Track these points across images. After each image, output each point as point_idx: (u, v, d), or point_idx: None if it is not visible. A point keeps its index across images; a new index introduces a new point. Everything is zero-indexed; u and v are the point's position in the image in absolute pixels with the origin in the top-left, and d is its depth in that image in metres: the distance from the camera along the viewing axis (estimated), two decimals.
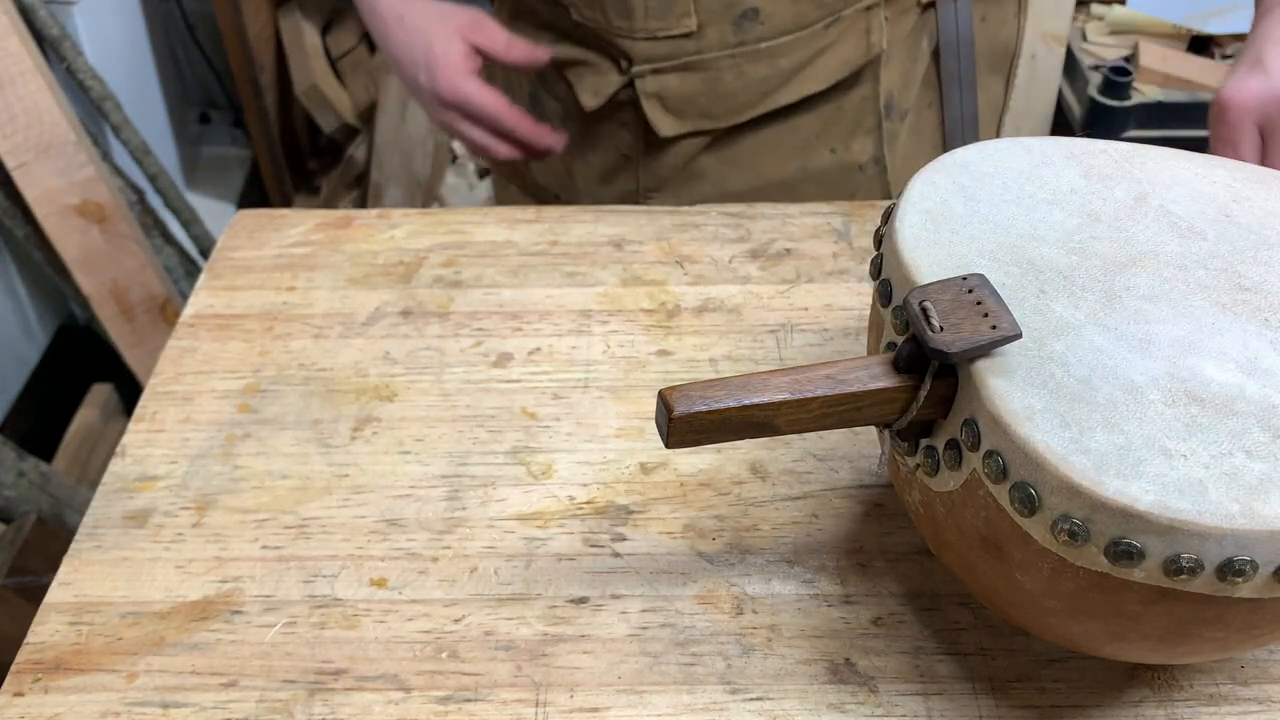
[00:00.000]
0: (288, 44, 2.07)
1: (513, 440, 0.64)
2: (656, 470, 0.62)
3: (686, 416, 0.45)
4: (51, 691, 0.52)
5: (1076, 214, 0.52)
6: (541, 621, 0.55)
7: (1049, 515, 0.41)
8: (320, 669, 0.53)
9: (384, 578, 0.57)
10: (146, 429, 0.65)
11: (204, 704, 0.51)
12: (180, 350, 0.70)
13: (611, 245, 0.77)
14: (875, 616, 0.55)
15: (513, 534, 0.59)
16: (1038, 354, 0.45)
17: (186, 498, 0.61)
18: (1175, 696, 0.52)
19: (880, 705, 0.51)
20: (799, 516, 0.60)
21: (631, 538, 0.59)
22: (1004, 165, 0.54)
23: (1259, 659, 0.53)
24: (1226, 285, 0.48)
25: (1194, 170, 0.55)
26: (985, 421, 0.43)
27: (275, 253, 0.77)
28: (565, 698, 0.52)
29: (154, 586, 0.57)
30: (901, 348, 0.46)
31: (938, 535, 0.50)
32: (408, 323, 0.72)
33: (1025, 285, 0.48)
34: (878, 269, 0.52)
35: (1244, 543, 0.39)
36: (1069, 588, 0.43)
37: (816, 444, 0.63)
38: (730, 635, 0.54)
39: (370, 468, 0.62)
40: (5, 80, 1.32)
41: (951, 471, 0.46)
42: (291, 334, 0.71)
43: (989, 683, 0.52)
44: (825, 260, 0.76)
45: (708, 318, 0.72)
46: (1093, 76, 1.85)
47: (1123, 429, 0.42)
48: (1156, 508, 0.40)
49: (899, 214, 0.51)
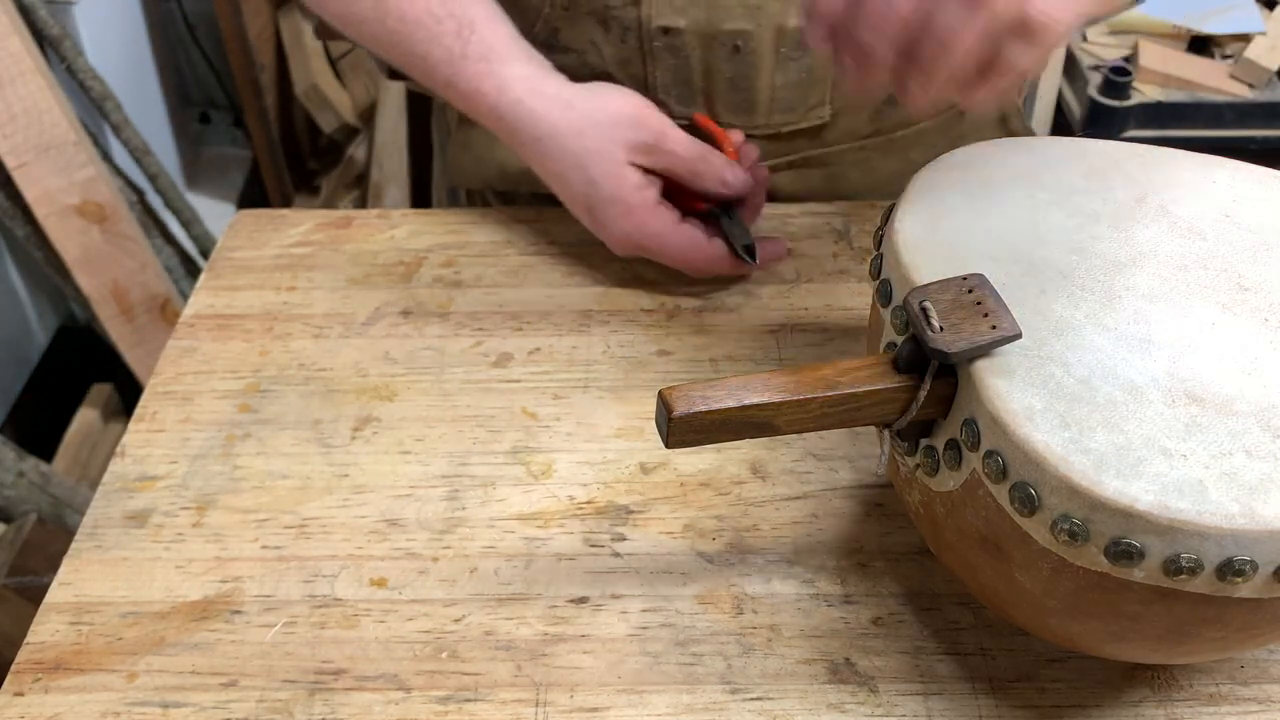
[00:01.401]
0: (288, 44, 2.07)
1: (513, 440, 0.64)
2: (656, 470, 0.62)
3: (686, 416, 0.45)
4: (51, 691, 0.52)
5: (1077, 214, 0.52)
6: (541, 621, 0.55)
7: (1049, 515, 0.41)
8: (320, 669, 0.53)
9: (384, 578, 0.57)
10: (146, 429, 0.65)
11: (204, 704, 0.51)
12: (180, 350, 0.70)
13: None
14: (875, 616, 0.55)
15: (513, 534, 0.59)
16: (1038, 354, 0.45)
17: (186, 498, 0.61)
18: (1175, 696, 0.52)
19: (880, 705, 0.51)
20: (799, 516, 0.60)
21: (631, 538, 0.59)
22: (1004, 165, 0.54)
23: (1259, 659, 0.53)
24: (1226, 285, 0.48)
25: (1194, 170, 0.55)
26: (985, 421, 0.43)
27: (275, 253, 0.77)
28: (565, 698, 0.52)
29: (154, 586, 0.57)
30: (901, 348, 0.46)
31: (938, 535, 0.50)
32: (408, 323, 0.72)
33: (1025, 285, 0.48)
34: (878, 269, 0.52)
35: (1244, 543, 0.39)
36: (1069, 588, 0.43)
37: (816, 444, 0.63)
38: (730, 635, 0.54)
39: (370, 468, 0.62)
40: (5, 80, 1.32)
41: (951, 471, 0.46)
42: (291, 334, 0.71)
43: (989, 683, 0.52)
44: (825, 260, 0.76)
45: (708, 318, 0.72)
46: (1093, 76, 1.84)
47: (1123, 429, 0.42)
48: (1156, 508, 0.40)
49: (899, 214, 0.51)
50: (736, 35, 0.72)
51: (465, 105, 0.71)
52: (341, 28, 0.73)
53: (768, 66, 0.74)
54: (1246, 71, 1.80)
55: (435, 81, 0.71)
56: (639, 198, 0.67)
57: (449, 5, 0.70)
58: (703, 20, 0.72)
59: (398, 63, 0.72)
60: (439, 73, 0.70)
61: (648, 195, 0.68)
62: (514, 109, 0.69)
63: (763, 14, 0.72)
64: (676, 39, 0.73)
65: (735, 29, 0.72)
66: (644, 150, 0.67)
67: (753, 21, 0.72)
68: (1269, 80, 1.80)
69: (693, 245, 0.69)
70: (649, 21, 0.72)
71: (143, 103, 1.93)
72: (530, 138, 0.69)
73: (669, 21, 0.72)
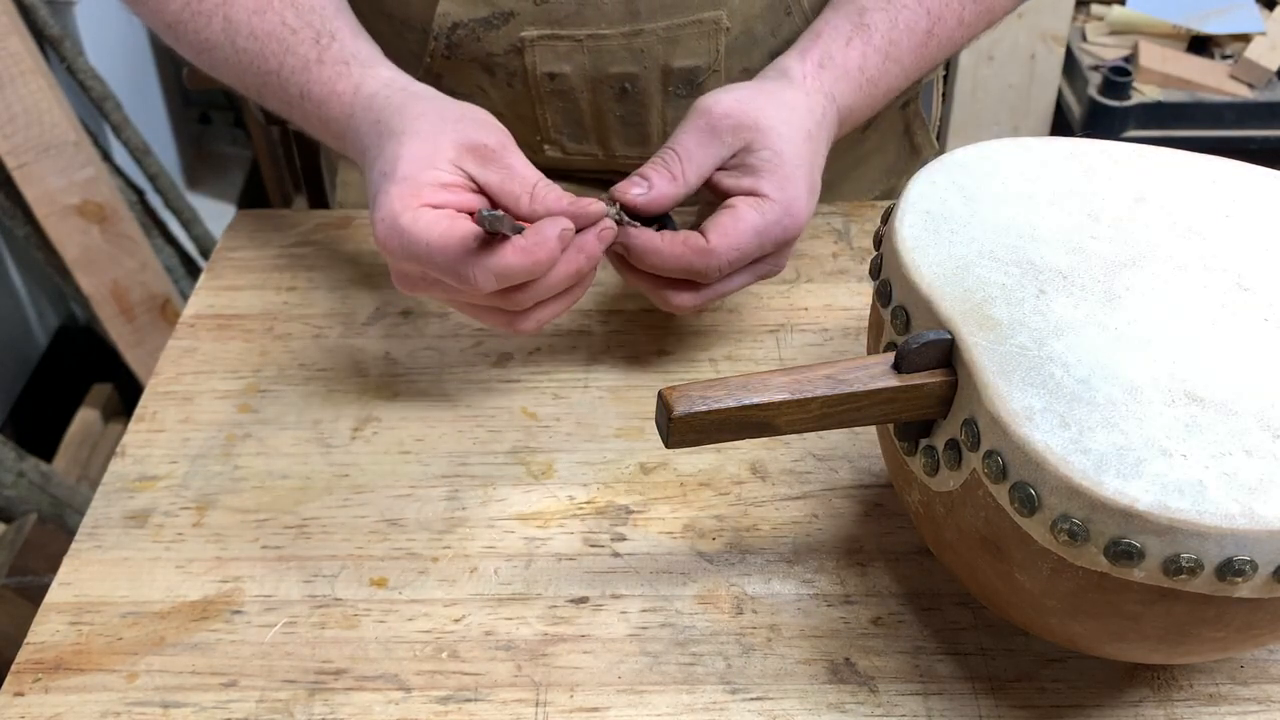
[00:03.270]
0: None
1: (513, 440, 0.64)
2: (656, 470, 0.62)
3: (686, 416, 0.45)
4: (52, 691, 0.52)
5: (1076, 214, 0.52)
6: (541, 621, 0.55)
7: (1049, 515, 0.41)
8: (320, 669, 0.53)
9: (384, 577, 0.57)
10: (146, 429, 0.65)
11: (204, 704, 0.52)
12: (180, 350, 0.70)
13: None
14: (875, 616, 0.55)
15: (513, 534, 0.59)
16: (1038, 354, 0.45)
17: (187, 498, 0.61)
18: (1175, 696, 0.52)
19: (880, 705, 0.51)
20: (799, 516, 0.60)
21: (631, 538, 0.59)
22: (1004, 165, 0.54)
23: (1259, 659, 0.53)
24: (1226, 285, 0.48)
25: (1193, 170, 0.55)
26: (985, 421, 0.43)
27: (275, 253, 0.77)
28: (565, 698, 0.52)
29: (154, 586, 0.57)
30: (901, 347, 0.46)
31: (938, 535, 0.50)
32: (408, 323, 0.72)
33: (1025, 285, 0.48)
34: (877, 269, 0.52)
35: (1244, 543, 0.39)
36: (1069, 588, 0.43)
37: (816, 444, 0.63)
38: (730, 635, 0.54)
39: (370, 468, 0.62)
40: (5, 80, 1.32)
41: (951, 471, 0.46)
42: (291, 334, 0.71)
43: (989, 682, 0.52)
44: (825, 260, 0.76)
45: (708, 318, 0.72)
46: (1092, 76, 1.85)
47: (1122, 429, 0.42)
48: (1156, 508, 0.40)
49: (898, 214, 0.51)
50: (624, 78, 0.72)
51: (318, 117, 0.64)
52: (195, 59, 0.68)
53: (657, 105, 0.74)
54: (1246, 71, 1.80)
55: (289, 96, 0.64)
56: (428, 192, 0.57)
57: (305, 17, 0.64)
58: (588, 66, 0.72)
59: (251, 88, 0.67)
60: (292, 84, 0.64)
61: (439, 194, 0.57)
62: (368, 102, 0.61)
63: (647, 57, 0.72)
64: (563, 84, 0.73)
65: (621, 72, 0.72)
66: (479, 152, 0.58)
67: (638, 65, 0.72)
68: (1269, 80, 1.80)
69: (438, 234, 0.55)
70: (534, 69, 0.72)
71: (143, 103, 1.93)
72: (369, 121, 0.60)
73: (554, 68, 0.72)
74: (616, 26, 0.70)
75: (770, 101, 0.62)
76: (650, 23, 0.70)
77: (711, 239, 0.59)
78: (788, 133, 0.61)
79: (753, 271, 0.62)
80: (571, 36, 0.70)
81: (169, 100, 2.05)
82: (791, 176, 0.60)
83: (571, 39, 0.71)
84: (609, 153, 0.77)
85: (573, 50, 0.71)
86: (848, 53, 0.66)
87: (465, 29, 0.71)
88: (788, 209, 0.59)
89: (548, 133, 0.66)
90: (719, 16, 0.70)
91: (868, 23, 0.66)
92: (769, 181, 0.59)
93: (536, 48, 0.71)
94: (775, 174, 0.59)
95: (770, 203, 0.59)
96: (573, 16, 0.70)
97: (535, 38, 0.71)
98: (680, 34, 0.71)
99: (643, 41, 0.71)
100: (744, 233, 0.59)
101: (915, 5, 0.67)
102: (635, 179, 0.61)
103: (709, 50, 0.72)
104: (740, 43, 0.73)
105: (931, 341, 0.46)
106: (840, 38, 0.66)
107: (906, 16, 0.67)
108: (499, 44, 0.71)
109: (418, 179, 0.57)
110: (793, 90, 0.63)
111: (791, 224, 0.60)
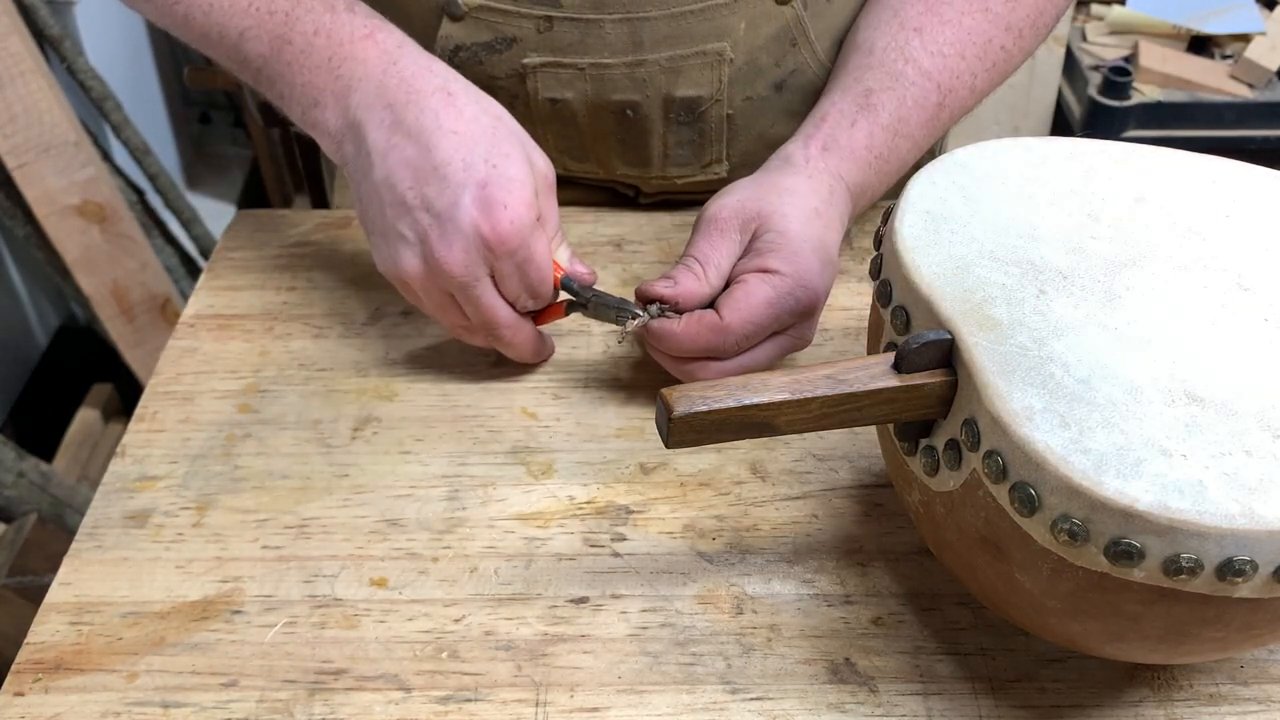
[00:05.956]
0: None
1: (513, 440, 0.64)
2: (656, 470, 0.62)
3: (686, 416, 0.45)
4: (52, 691, 0.52)
5: (1076, 214, 0.52)
6: (541, 621, 0.55)
7: (1049, 515, 0.42)
8: (320, 669, 0.53)
9: (384, 578, 0.57)
10: (146, 429, 0.65)
11: (204, 704, 0.52)
12: (180, 350, 0.70)
13: (611, 245, 0.77)
14: (875, 616, 0.55)
15: (513, 534, 0.59)
16: (1038, 354, 0.45)
17: (187, 498, 0.61)
18: (1175, 696, 0.52)
19: (880, 705, 0.51)
20: (799, 516, 0.60)
21: (631, 538, 0.59)
22: (1004, 165, 0.54)
23: (1259, 659, 0.53)
24: (1226, 285, 0.48)
25: (1193, 170, 0.55)
26: (985, 421, 0.43)
27: (275, 253, 0.78)
28: (565, 698, 0.52)
29: (154, 586, 0.57)
30: (901, 348, 0.46)
31: (938, 535, 0.50)
32: (408, 323, 0.72)
33: (1025, 285, 0.48)
34: (877, 269, 0.52)
35: (1244, 543, 0.39)
36: (1069, 588, 0.43)
37: (816, 444, 0.63)
38: (730, 635, 0.54)
39: (370, 468, 0.62)
40: (5, 80, 1.32)
41: (951, 471, 0.46)
42: (291, 334, 0.71)
43: (989, 683, 0.52)
44: None
45: None
46: (1092, 76, 1.85)
47: (1122, 429, 0.42)
48: (1156, 508, 0.40)
49: (898, 214, 0.51)
50: (625, 105, 0.73)
51: (339, 57, 0.61)
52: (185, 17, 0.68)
53: (658, 130, 0.75)
54: (1246, 71, 1.80)
55: (296, 33, 0.61)
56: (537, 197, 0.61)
57: None
58: (590, 93, 0.72)
59: (236, 30, 0.64)
60: (305, 21, 0.61)
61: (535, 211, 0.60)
62: (415, 57, 0.61)
63: (649, 86, 0.72)
64: (565, 109, 0.73)
65: (623, 99, 0.73)
66: (543, 180, 0.62)
67: (640, 93, 0.72)
68: (1269, 80, 1.80)
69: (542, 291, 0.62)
70: (536, 94, 0.73)
71: (143, 103, 1.93)
72: (435, 87, 0.60)
73: (556, 94, 0.73)
74: (619, 56, 0.71)
75: (771, 190, 0.63)
76: (653, 53, 0.71)
77: (725, 315, 0.60)
78: (792, 213, 0.62)
79: (776, 344, 0.63)
80: (574, 65, 0.71)
81: (169, 100, 2.06)
82: (799, 251, 0.61)
83: (574, 67, 0.71)
84: (609, 171, 0.78)
85: (575, 78, 0.72)
86: (853, 134, 0.66)
87: (468, 51, 0.72)
88: (799, 281, 0.60)
89: (548, 152, 0.67)
90: (723, 48, 0.71)
91: (874, 103, 0.67)
92: (776, 258, 0.61)
93: (539, 74, 0.72)
94: (782, 250, 0.61)
95: (780, 276, 0.60)
96: (575, 45, 0.70)
97: (538, 64, 0.71)
98: (683, 64, 0.71)
99: (645, 71, 0.71)
100: (755, 307, 0.60)
101: (924, 81, 0.67)
102: (662, 278, 0.63)
103: (712, 80, 0.72)
104: (744, 73, 0.73)
105: (931, 341, 0.46)
106: (845, 121, 0.67)
107: (915, 93, 0.67)
108: (501, 68, 0.72)
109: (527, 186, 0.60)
110: (794, 175, 0.64)
111: (805, 295, 0.60)
